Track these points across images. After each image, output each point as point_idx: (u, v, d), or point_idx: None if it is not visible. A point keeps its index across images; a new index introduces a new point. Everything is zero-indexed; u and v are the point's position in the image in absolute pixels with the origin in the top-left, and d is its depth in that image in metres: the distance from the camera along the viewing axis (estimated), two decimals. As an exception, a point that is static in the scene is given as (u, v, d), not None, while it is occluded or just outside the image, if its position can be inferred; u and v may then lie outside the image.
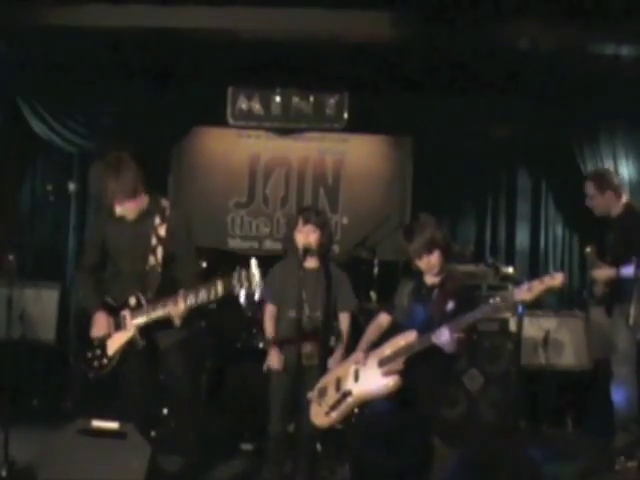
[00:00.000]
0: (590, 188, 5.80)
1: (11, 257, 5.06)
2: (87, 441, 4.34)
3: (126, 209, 4.53)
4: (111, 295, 4.66)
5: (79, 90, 7.84)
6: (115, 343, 4.59)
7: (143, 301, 4.51)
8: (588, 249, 5.87)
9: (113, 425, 4.36)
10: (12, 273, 5.09)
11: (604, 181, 5.80)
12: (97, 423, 4.37)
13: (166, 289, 4.48)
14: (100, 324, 4.60)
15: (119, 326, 4.57)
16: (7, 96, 7.77)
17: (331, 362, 4.92)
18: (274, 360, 4.96)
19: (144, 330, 4.51)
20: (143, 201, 4.59)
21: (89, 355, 4.66)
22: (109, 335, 4.59)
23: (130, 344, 4.55)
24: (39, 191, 8.11)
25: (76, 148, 8.06)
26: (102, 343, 4.62)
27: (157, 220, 4.53)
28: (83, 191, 8.09)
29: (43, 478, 4.30)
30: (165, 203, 4.65)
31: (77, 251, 8.23)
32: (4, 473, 4.71)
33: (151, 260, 4.49)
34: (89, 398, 6.33)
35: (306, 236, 4.89)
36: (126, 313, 4.55)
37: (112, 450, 4.27)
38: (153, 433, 5.19)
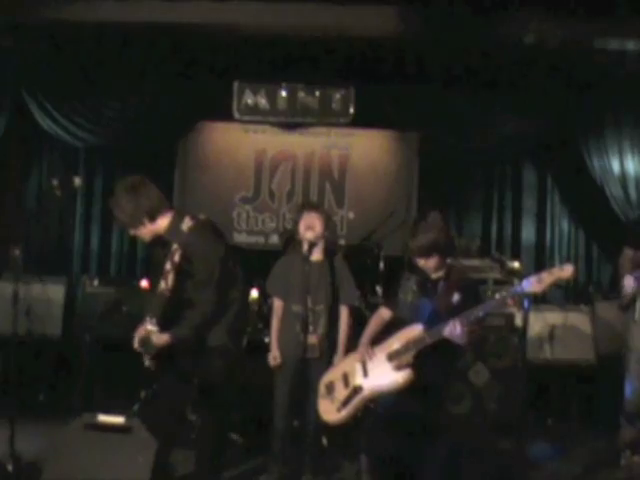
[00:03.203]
0: None
1: (17, 252, 5.05)
2: (93, 436, 4.35)
3: (139, 234, 4.52)
4: None
5: (85, 85, 7.83)
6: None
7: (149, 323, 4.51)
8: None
9: (119, 420, 4.37)
10: (18, 268, 5.08)
11: None
12: (103, 418, 4.39)
13: (178, 311, 4.47)
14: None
15: None
16: (13, 91, 7.77)
17: (335, 357, 4.93)
18: (272, 360, 5.03)
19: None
20: (157, 226, 4.47)
21: None
22: None
23: None
24: (45, 185, 8.11)
25: (82, 142, 8.05)
26: None
27: (174, 245, 4.42)
28: (89, 185, 8.14)
29: (49, 473, 4.32)
30: (187, 224, 4.45)
31: (83, 245, 8.27)
32: (10, 468, 4.71)
33: (161, 285, 4.44)
34: (95, 393, 6.37)
35: (310, 222, 4.87)
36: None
37: (118, 445, 4.29)
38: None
